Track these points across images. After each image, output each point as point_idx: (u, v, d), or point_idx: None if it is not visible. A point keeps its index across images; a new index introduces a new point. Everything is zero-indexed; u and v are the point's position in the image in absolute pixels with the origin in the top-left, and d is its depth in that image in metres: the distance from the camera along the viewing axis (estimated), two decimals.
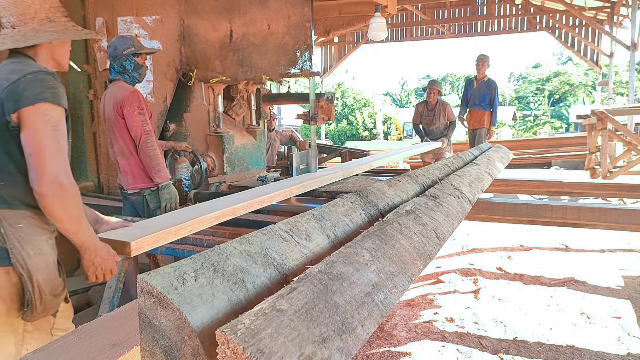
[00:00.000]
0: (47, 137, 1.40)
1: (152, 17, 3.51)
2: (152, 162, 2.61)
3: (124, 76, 2.70)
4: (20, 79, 1.41)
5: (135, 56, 2.68)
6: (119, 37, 2.76)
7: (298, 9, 3.18)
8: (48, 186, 1.39)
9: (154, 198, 2.69)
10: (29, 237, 1.47)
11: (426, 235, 1.28)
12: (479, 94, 6.41)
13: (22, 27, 1.51)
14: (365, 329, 0.79)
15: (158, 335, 0.72)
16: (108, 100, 2.65)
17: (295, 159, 3.15)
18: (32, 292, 1.45)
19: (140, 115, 2.58)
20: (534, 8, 12.02)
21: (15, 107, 1.39)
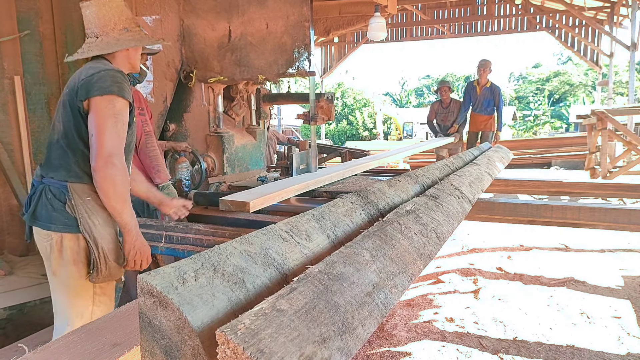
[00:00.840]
0: (108, 121, 1.62)
1: (152, 17, 3.50)
2: (152, 162, 2.61)
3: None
4: (95, 73, 1.67)
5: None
6: None
7: (297, 9, 3.18)
8: (102, 162, 1.59)
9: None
10: (95, 209, 1.69)
11: (426, 235, 1.28)
12: (483, 100, 6.45)
13: (105, 36, 1.81)
14: (365, 329, 0.79)
15: (158, 335, 0.72)
16: None
17: (295, 159, 3.15)
18: (98, 256, 1.69)
19: (140, 115, 2.58)
20: (534, 8, 12.02)
21: (86, 96, 1.64)
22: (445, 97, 6.55)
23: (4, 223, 3.62)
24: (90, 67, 1.73)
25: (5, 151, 3.54)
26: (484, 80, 6.46)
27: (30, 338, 2.56)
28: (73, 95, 1.68)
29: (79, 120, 1.68)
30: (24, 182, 3.65)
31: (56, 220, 1.68)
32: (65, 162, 1.70)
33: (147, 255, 1.79)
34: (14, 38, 3.54)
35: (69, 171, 1.69)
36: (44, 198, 1.70)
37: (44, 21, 3.70)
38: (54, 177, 1.71)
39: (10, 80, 3.54)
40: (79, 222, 1.67)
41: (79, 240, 1.70)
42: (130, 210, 1.72)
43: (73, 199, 1.67)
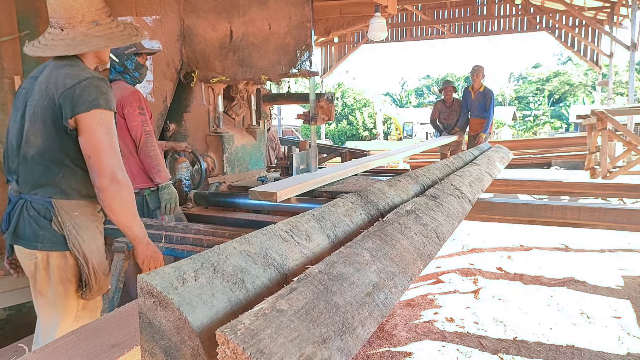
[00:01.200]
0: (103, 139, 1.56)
1: (152, 17, 3.50)
2: (152, 162, 2.61)
3: (125, 76, 2.69)
4: (75, 84, 1.55)
5: (137, 56, 2.68)
6: None
7: (299, 9, 3.18)
8: (107, 182, 1.56)
9: (154, 198, 2.68)
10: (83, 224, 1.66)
11: (426, 235, 1.28)
12: (477, 105, 6.66)
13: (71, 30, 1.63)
14: (365, 329, 0.79)
15: (158, 335, 0.72)
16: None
17: (295, 159, 3.15)
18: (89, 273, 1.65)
19: (140, 115, 2.57)
20: (534, 8, 12.02)
21: (72, 113, 1.54)
22: (449, 97, 6.80)
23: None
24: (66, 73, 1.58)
25: None
26: (477, 85, 6.66)
27: (30, 338, 2.55)
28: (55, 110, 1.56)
29: (65, 138, 1.59)
30: None
31: (43, 238, 1.61)
32: (50, 178, 1.61)
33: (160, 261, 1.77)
34: (14, 38, 3.54)
35: (55, 187, 1.61)
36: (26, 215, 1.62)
37: (43, 21, 3.70)
38: (37, 194, 1.62)
39: (10, 80, 3.54)
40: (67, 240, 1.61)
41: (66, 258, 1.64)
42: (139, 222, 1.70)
43: (60, 215, 1.60)
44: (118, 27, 1.71)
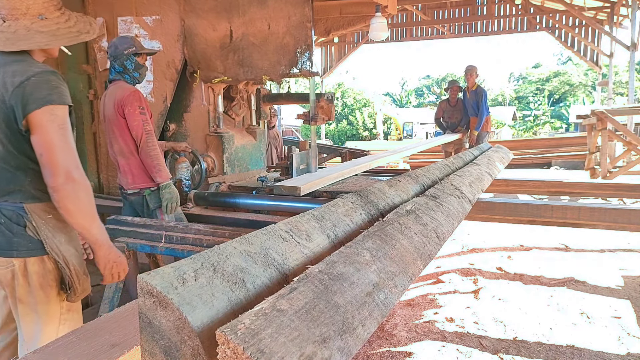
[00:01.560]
0: (55, 135, 1.46)
1: (152, 17, 3.50)
2: (153, 161, 2.61)
3: (125, 76, 2.69)
4: (24, 81, 1.43)
5: (136, 56, 2.68)
6: (119, 37, 2.76)
7: (298, 9, 3.18)
8: (61, 181, 1.45)
9: (154, 198, 2.68)
10: (57, 227, 1.58)
11: (427, 235, 1.28)
12: (472, 103, 6.80)
13: (13, 22, 1.47)
14: (365, 329, 0.79)
15: (158, 335, 0.72)
16: (108, 99, 2.65)
17: (295, 159, 3.15)
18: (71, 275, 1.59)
19: (141, 114, 2.58)
20: (534, 8, 12.02)
21: (24, 113, 1.44)
22: (454, 97, 7.02)
23: None
24: (14, 70, 1.46)
25: None
26: (471, 84, 6.81)
27: None
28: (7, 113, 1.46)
29: (21, 140, 1.49)
30: None
31: (18, 245, 1.54)
32: (17, 184, 1.54)
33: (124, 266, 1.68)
34: None
35: (24, 193, 1.54)
36: None
37: None
38: (7, 200, 1.54)
39: None
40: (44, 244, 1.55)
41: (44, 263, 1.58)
42: (99, 224, 1.58)
43: (34, 220, 1.54)
44: (68, 22, 1.58)
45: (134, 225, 2.51)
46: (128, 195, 2.74)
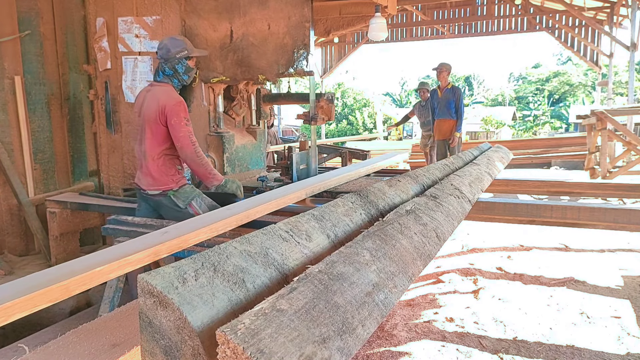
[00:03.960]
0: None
1: (153, 18, 3.51)
2: (206, 169, 2.62)
3: (173, 80, 2.66)
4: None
5: (187, 59, 2.66)
6: (171, 38, 2.69)
7: (298, 9, 3.18)
8: None
9: (182, 196, 2.67)
10: None
11: (426, 235, 1.28)
12: (445, 102, 6.34)
13: None
14: (365, 329, 0.79)
15: (158, 335, 0.72)
16: (151, 100, 2.60)
17: (295, 159, 3.16)
18: None
19: (187, 126, 2.56)
20: (533, 8, 12.02)
21: None
22: (424, 97, 7.17)
23: (4, 223, 3.63)
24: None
25: (6, 151, 3.54)
26: (444, 82, 6.44)
27: (30, 338, 2.56)
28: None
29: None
30: (24, 182, 3.65)
31: None
32: None
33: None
34: (15, 38, 3.54)
35: None
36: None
37: (44, 21, 3.71)
38: None
39: (10, 80, 3.54)
40: None
41: None
42: None
43: None
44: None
45: (134, 225, 2.51)
46: (148, 196, 2.71)
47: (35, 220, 3.65)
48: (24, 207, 3.60)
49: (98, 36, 3.64)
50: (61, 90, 3.90)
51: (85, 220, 3.80)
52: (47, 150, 3.82)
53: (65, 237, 3.60)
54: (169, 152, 2.67)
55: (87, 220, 3.81)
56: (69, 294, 1.21)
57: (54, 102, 3.86)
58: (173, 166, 2.70)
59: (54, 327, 2.80)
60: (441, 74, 6.44)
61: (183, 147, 2.57)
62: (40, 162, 3.77)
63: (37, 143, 3.74)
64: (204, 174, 2.63)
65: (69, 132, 3.97)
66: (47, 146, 3.82)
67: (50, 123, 3.84)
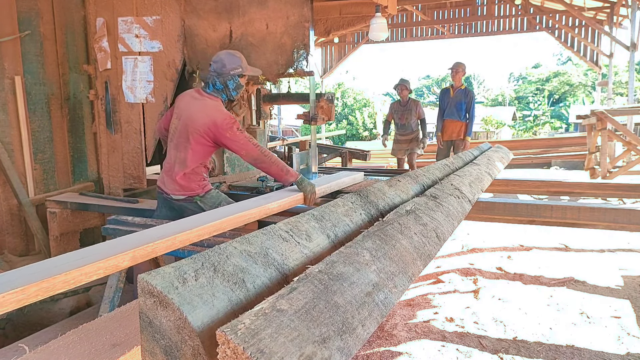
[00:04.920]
0: None
1: (153, 18, 3.51)
2: (279, 166, 2.52)
3: (222, 95, 2.63)
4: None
5: (240, 77, 2.64)
6: (227, 53, 2.66)
7: (297, 9, 3.18)
8: None
9: (209, 200, 2.64)
10: None
11: (426, 235, 1.28)
12: (456, 103, 6.18)
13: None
14: (365, 329, 0.79)
15: (158, 335, 0.72)
16: (202, 112, 2.55)
17: (295, 159, 3.16)
18: None
19: (241, 132, 2.51)
20: (533, 8, 12.02)
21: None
22: (404, 95, 6.53)
23: (4, 223, 3.63)
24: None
25: (6, 151, 3.54)
26: (457, 82, 6.28)
27: (30, 338, 2.56)
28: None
29: None
30: (24, 182, 3.65)
31: None
32: None
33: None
34: (15, 38, 3.54)
35: None
36: None
37: (44, 21, 3.71)
38: None
39: (10, 80, 3.54)
40: None
41: None
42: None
43: None
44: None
45: (135, 226, 2.51)
46: (172, 200, 2.67)
47: (35, 220, 3.65)
48: (24, 207, 3.60)
49: (98, 36, 3.64)
50: (61, 90, 3.90)
51: (85, 220, 3.80)
52: (47, 150, 3.82)
53: (66, 237, 3.60)
54: (204, 162, 2.65)
55: (87, 220, 3.81)
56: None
57: (54, 102, 3.86)
58: (200, 174, 2.67)
59: (54, 327, 2.80)
60: (457, 74, 6.25)
61: (248, 153, 2.51)
62: (40, 162, 3.77)
63: (37, 143, 3.74)
64: (277, 172, 2.53)
65: (69, 132, 3.97)
66: (47, 146, 3.82)
67: (51, 123, 3.84)
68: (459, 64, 6.32)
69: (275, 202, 2.26)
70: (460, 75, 6.29)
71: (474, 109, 6.20)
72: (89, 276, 1.29)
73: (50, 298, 3.11)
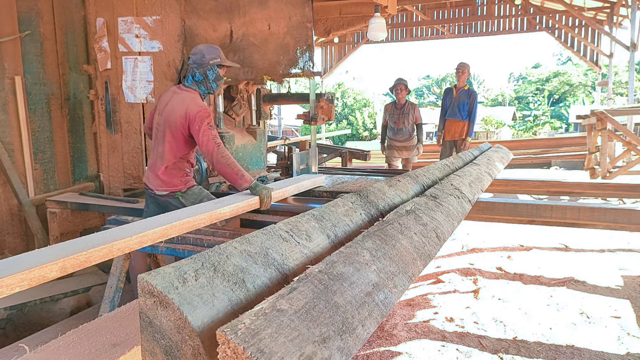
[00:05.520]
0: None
1: (153, 18, 3.51)
2: (233, 169, 2.55)
3: (201, 87, 2.67)
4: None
5: (219, 67, 2.67)
6: (206, 45, 2.72)
7: (299, 10, 3.18)
8: None
9: (189, 197, 2.67)
10: None
11: (426, 235, 1.28)
12: (458, 103, 6.11)
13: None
14: (365, 329, 0.79)
15: (159, 335, 0.73)
16: (177, 105, 2.59)
17: (295, 159, 3.16)
18: None
19: (210, 129, 2.53)
20: (533, 8, 12.02)
21: None
22: (401, 97, 5.94)
23: (4, 223, 3.63)
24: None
25: (6, 151, 3.54)
26: (461, 82, 6.23)
27: (31, 338, 2.56)
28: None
29: None
30: (25, 182, 3.65)
31: None
32: None
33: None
34: (15, 38, 3.54)
35: None
36: None
37: (44, 22, 3.71)
38: None
39: (11, 80, 3.55)
40: None
41: None
42: None
43: None
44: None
45: None
46: (156, 195, 2.72)
47: (35, 221, 3.65)
48: (24, 207, 3.60)
49: (98, 36, 3.64)
50: (61, 91, 3.90)
51: (85, 220, 3.81)
52: (47, 150, 3.82)
53: (66, 237, 3.60)
54: (184, 157, 2.67)
55: (87, 220, 3.82)
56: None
57: (54, 102, 3.86)
58: (183, 169, 2.70)
59: (55, 327, 2.80)
60: (463, 74, 6.19)
61: (208, 151, 2.54)
62: (40, 162, 3.77)
63: (38, 143, 3.75)
64: (231, 175, 2.56)
65: (69, 132, 3.97)
66: (47, 146, 3.82)
67: (51, 123, 3.84)
68: (464, 65, 6.29)
69: (229, 206, 2.18)
70: (465, 76, 6.25)
71: (476, 110, 6.19)
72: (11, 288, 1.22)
73: (51, 298, 3.11)
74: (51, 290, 3.15)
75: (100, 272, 3.64)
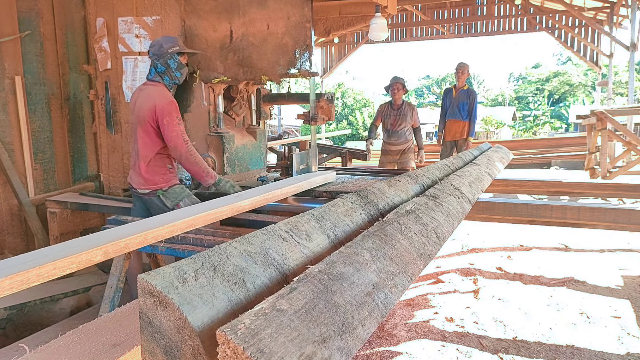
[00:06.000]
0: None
1: (153, 18, 3.51)
2: (200, 167, 2.62)
3: (165, 77, 2.68)
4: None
5: (179, 55, 2.69)
6: (163, 36, 2.75)
7: (298, 9, 3.18)
8: None
9: (170, 195, 2.70)
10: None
11: (426, 235, 1.28)
12: (458, 103, 6.12)
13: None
14: (365, 329, 0.79)
15: (158, 335, 0.72)
16: (146, 100, 2.62)
17: (295, 159, 3.16)
18: None
19: (179, 125, 2.57)
20: (533, 8, 12.03)
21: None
22: (398, 97, 5.57)
23: (4, 223, 3.63)
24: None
25: (6, 151, 3.54)
26: (461, 83, 6.23)
27: (31, 338, 2.56)
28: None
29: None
30: (25, 182, 3.65)
31: None
32: None
33: None
34: (15, 38, 3.54)
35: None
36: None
37: (44, 21, 3.71)
38: None
39: (11, 80, 3.55)
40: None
41: None
42: None
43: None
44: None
45: None
46: (139, 194, 2.74)
47: (35, 221, 3.65)
48: (24, 207, 3.60)
49: (98, 36, 3.64)
50: (61, 91, 3.90)
51: (85, 220, 3.81)
52: (47, 150, 3.82)
53: (66, 237, 3.60)
54: (161, 152, 2.69)
55: (87, 220, 3.82)
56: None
57: (54, 102, 3.86)
58: (164, 166, 2.72)
59: (55, 327, 2.80)
60: (463, 74, 6.21)
61: (176, 147, 2.58)
62: (40, 162, 3.77)
63: (38, 143, 3.75)
64: (198, 172, 2.64)
65: (69, 132, 3.97)
66: (47, 146, 3.82)
67: (51, 123, 3.84)
68: (464, 65, 6.30)
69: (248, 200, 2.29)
70: (465, 76, 6.27)
71: (476, 109, 6.19)
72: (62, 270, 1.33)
73: (51, 298, 3.11)
74: (51, 290, 3.15)
75: (100, 272, 3.64)
